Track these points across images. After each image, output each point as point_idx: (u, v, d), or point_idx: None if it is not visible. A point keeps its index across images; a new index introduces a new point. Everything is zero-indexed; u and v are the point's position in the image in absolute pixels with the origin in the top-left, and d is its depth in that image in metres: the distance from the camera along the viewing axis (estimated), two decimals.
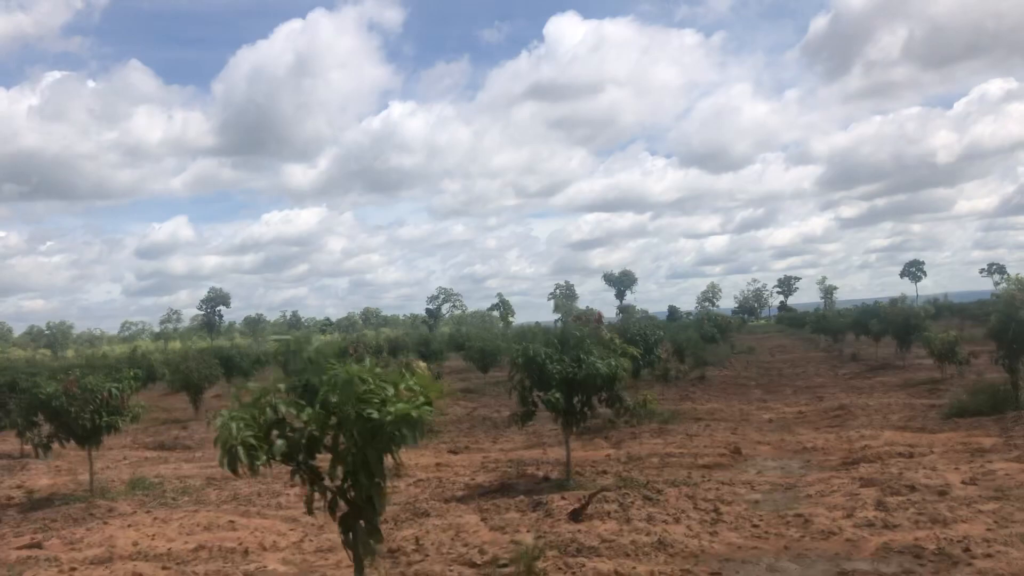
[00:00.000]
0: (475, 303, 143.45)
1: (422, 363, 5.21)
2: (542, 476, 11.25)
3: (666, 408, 17.85)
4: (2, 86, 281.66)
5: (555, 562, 7.36)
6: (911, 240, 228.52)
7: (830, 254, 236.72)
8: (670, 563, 7.46)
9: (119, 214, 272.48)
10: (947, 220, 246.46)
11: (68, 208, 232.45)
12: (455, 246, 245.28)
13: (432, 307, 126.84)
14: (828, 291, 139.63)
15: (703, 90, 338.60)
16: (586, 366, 9.54)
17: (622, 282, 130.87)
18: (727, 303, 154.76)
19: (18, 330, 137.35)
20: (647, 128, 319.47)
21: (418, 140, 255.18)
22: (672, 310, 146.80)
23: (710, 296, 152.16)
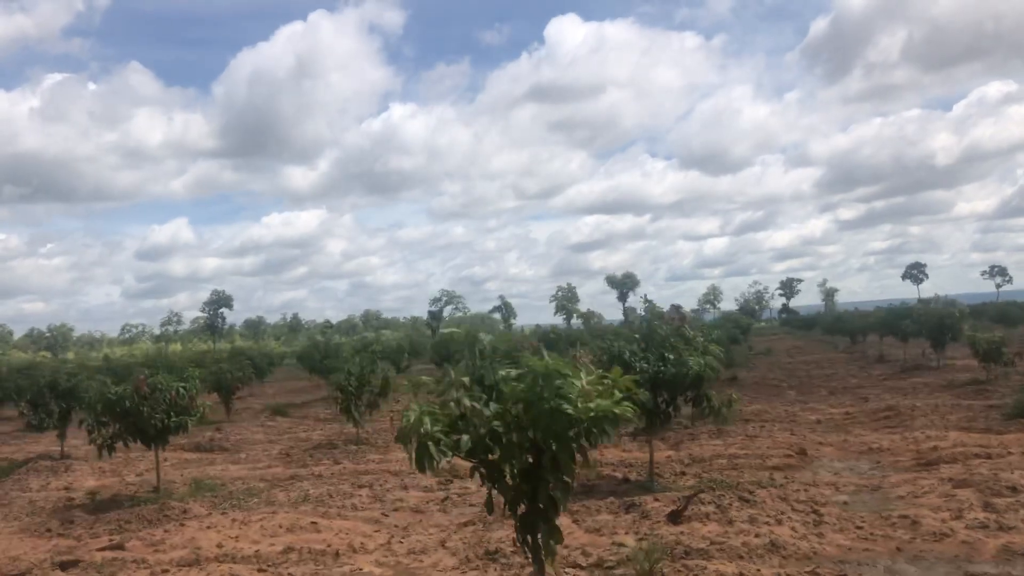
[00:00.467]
0: (474, 305, 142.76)
1: (585, 357, 5.05)
2: (622, 478, 11.12)
3: None
4: (3, 88, 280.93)
5: (671, 565, 7.24)
6: (910, 242, 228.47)
7: (829, 256, 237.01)
8: (785, 565, 7.35)
9: (119, 216, 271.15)
10: (946, 222, 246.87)
11: (68, 210, 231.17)
12: (454, 248, 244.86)
13: (435, 309, 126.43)
14: (829, 293, 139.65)
15: (703, 92, 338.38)
16: (675, 364, 9.41)
17: (625, 284, 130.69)
18: (728, 305, 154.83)
19: (18, 332, 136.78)
20: (647, 130, 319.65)
21: (418, 142, 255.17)
22: (676, 308, 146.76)
23: (711, 298, 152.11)
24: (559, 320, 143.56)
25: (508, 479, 4.67)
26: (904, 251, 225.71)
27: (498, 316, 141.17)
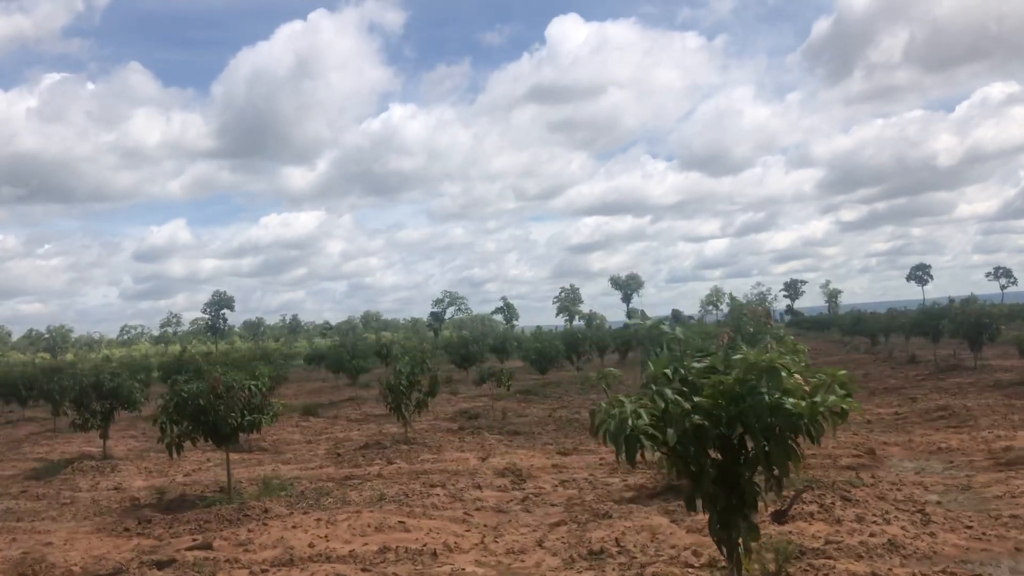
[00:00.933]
0: (474, 307, 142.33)
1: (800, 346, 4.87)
2: None
3: None
4: (1, 88, 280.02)
5: (796, 564, 7.12)
6: (912, 244, 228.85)
7: (830, 258, 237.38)
8: (908, 564, 7.24)
9: (117, 217, 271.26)
10: (947, 224, 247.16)
11: (66, 211, 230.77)
12: (454, 249, 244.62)
13: (437, 310, 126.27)
14: (832, 294, 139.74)
15: (704, 93, 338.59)
16: None
17: (629, 286, 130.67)
18: None
19: (15, 334, 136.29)
20: (648, 131, 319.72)
21: (418, 143, 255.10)
22: (676, 314, 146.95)
23: (714, 300, 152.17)
24: (560, 321, 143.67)
25: (704, 475, 4.55)
26: (906, 252, 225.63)
27: (500, 317, 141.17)
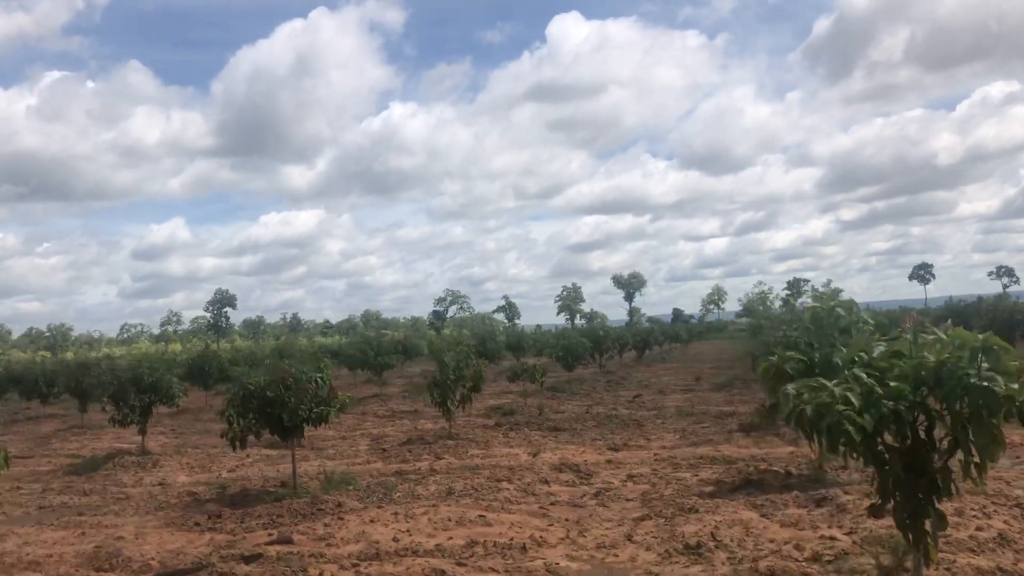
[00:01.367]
0: (473, 306, 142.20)
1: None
2: (784, 472, 10.87)
3: None
4: (1, 86, 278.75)
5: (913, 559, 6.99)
6: (911, 243, 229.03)
7: (830, 257, 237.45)
8: (1020, 560, 7.12)
9: (116, 215, 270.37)
10: (947, 223, 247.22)
11: (65, 209, 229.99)
12: (454, 248, 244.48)
13: (440, 309, 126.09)
14: (835, 294, 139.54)
15: (705, 92, 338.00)
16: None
17: (631, 285, 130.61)
18: (731, 306, 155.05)
19: (15, 332, 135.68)
20: (649, 130, 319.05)
21: (418, 141, 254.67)
22: (677, 313, 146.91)
23: (715, 299, 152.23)
24: (561, 320, 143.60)
25: (895, 461, 4.42)
26: (905, 252, 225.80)
27: (502, 316, 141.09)
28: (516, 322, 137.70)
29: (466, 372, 16.12)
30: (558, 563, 7.92)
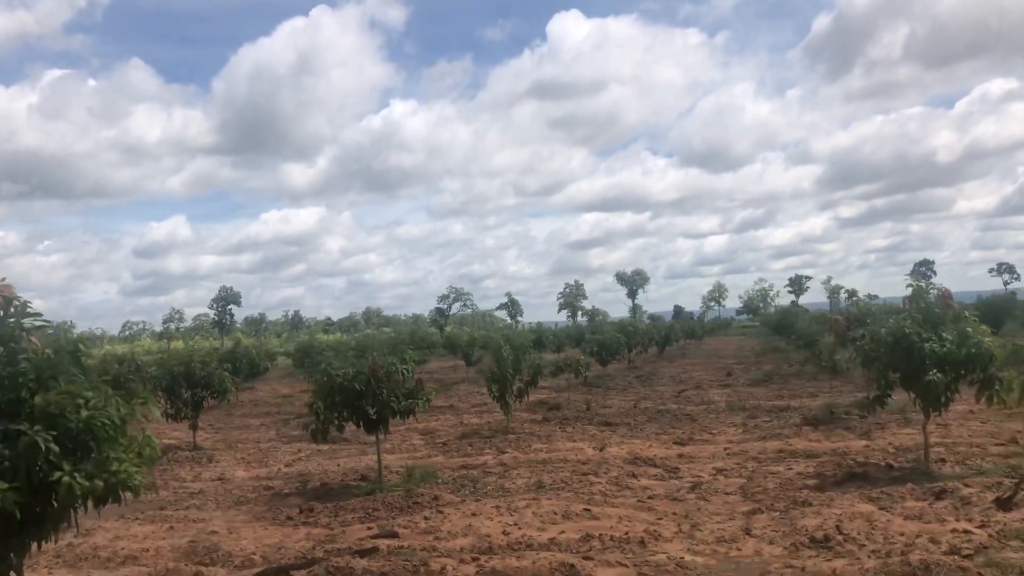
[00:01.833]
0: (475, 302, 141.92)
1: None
2: (886, 465, 10.71)
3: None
4: (2, 84, 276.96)
5: None
6: (910, 240, 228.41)
7: (829, 254, 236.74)
8: None
9: (117, 213, 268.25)
10: (946, 220, 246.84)
11: (66, 207, 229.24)
12: (454, 245, 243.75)
13: (443, 306, 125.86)
14: (834, 291, 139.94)
15: (705, 89, 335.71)
16: (972, 345, 9.02)
17: (634, 281, 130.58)
18: (731, 303, 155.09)
19: None
20: (649, 127, 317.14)
21: (418, 139, 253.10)
22: (678, 310, 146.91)
23: (716, 296, 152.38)
24: (563, 317, 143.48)
25: None
26: (904, 249, 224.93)
27: (503, 314, 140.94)
28: (519, 319, 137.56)
29: (523, 366, 15.93)
30: (682, 557, 7.74)
